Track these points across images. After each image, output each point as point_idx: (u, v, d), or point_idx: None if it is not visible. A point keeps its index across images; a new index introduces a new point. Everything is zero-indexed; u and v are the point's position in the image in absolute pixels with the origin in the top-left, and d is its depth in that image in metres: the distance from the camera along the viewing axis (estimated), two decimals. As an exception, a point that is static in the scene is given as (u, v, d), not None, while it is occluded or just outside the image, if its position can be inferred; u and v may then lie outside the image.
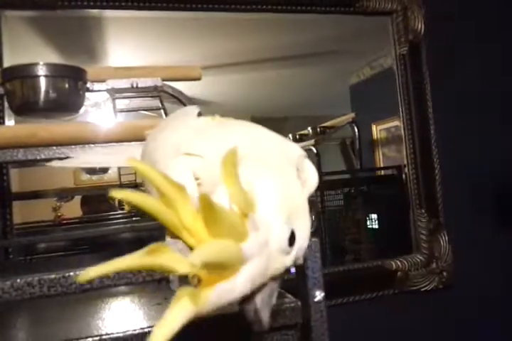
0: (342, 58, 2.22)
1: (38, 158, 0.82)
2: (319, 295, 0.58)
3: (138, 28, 1.71)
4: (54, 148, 0.82)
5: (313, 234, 0.47)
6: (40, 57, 1.70)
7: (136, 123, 0.87)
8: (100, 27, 1.69)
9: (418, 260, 1.75)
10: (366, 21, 1.85)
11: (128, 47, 1.78)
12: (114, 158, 0.78)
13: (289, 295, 0.64)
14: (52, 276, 0.52)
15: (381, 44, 1.96)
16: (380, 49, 2.02)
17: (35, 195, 1.64)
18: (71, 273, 0.52)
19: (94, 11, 1.59)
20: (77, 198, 1.76)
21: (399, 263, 1.72)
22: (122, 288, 0.91)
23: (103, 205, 1.78)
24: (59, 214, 1.71)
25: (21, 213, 1.56)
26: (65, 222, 1.73)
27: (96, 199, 1.80)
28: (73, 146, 0.84)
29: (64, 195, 1.72)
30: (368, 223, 2.17)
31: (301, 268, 0.60)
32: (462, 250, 1.79)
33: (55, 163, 0.78)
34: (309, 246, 0.64)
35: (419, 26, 1.75)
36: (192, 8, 1.59)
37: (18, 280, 0.51)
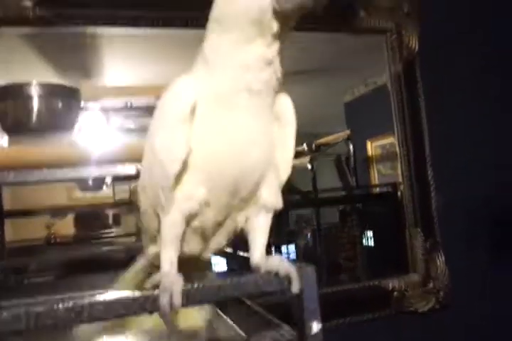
0: (336, 75, 2.23)
1: (29, 180, 0.80)
2: (316, 327, 0.56)
3: (132, 44, 1.71)
4: (45, 169, 0.80)
5: (309, 252, 0.46)
6: (35, 72, 1.68)
7: (128, 145, 0.86)
8: (95, 44, 1.68)
9: (414, 280, 1.73)
10: (361, 39, 1.86)
11: (122, 63, 1.77)
12: None
13: (286, 327, 0.62)
14: (41, 309, 0.50)
15: (375, 62, 1.97)
16: (375, 66, 2.02)
17: (28, 212, 1.61)
18: (60, 306, 0.50)
19: (89, 28, 1.59)
20: (72, 215, 1.73)
21: (396, 283, 1.70)
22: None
23: (97, 222, 1.76)
24: (52, 231, 1.69)
25: (14, 230, 1.53)
26: (58, 240, 1.71)
27: (90, 216, 1.77)
28: (65, 168, 0.82)
29: (57, 212, 1.70)
30: (364, 240, 2.15)
31: (298, 299, 0.58)
32: (459, 270, 1.77)
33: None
34: (306, 275, 0.62)
35: (414, 44, 1.76)
36: (186, 25, 1.60)
37: (5, 314, 0.49)
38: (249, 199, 0.74)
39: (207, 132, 0.69)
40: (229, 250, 0.95)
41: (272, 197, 0.76)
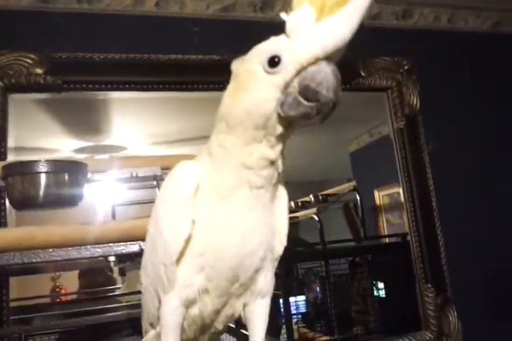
0: (341, 125, 2.26)
1: (34, 261, 0.82)
2: None
3: (138, 106, 1.78)
4: (50, 250, 0.82)
5: (319, 305, 0.46)
6: (46, 135, 1.74)
7: (132, 223, 0.88)
8: (104, 106, 1.75)
9: (427, 337, 1.69)
10: (363, 95, 1.90)
11: (127, 122, 1.85)
12: None
13: None
14: None
15: (379, 113, 2.00)
16: (378, 118, 2.06)
17: (33, 269, 1.61)
18: None
19: (98, 93, 1.65)
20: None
21: (407, 342, 1.66)
22: None
23: (100, 277, 1.76)
24: (57, 284, 1.69)
25: (19, 283, 1.53)
26: (63, 297, 1.71)
27: (93, 271, 1.77)
28: (70, 248, 0.83)
29: (62, 268, 1.70)
30: (375, 292, 2.11)
31: None
32: (472, 326, 1.72)
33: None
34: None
35: (415, 101, 1.79)
36: (190, 88, 1.67)
37: None
38: (248, 285, 0.75)
39: (207, 219, 0.71)
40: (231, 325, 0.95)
41: (267, 282, 0.76)
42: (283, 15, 0.62)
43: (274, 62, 0.63)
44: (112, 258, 0.88)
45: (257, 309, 0.76)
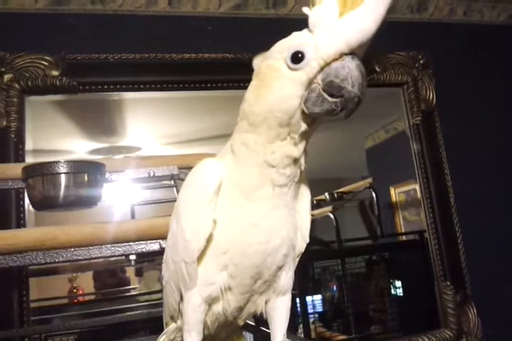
0: (357, 123, 2.24)
1: (57, 260, 0.82)
2: None
3: (152, 106, 1.79)
4: (72, 249, 0.82)
5: (336, 303, 0.46)
6: (62, 137, 1.76)
7: (152, 222, 0.88)
8: (119, 107, 1.76)
9: (447, 336, 1.67)
10: (379, 90, 1.88)
11: (141, 122, 1.85)
12: None
13: None
14: None
15: (394, 109, 1.99)
16: (394, 114, 2.04)
17: (51, 271, 1.63)
18: None
19: (113, 93, 1.66)
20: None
21: (427, 339, 1.65)
22: None
23: (113, 279, 1.77)
24: (75, 285, 1.70)
25: (38, 284, 1.54)
26: (80, 297, 1.72)
27: (106, 273, 1.78)
28: (91, 247, 0.84)
29: (79, 269, 1.71)
30: (392, 290, 2.10)
31: None
32: (492, 323, 1.70)
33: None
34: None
35: (431, 96, 1.77)
36: (204, 87, 1.67)
37: None
38: (271, 282, 0.74)
39: (230, 217, 0.70)
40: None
41: (288, 278, 0.76)
42: (305, 10, 0.61)
43: (297, 58, 0.62)
44: (132, 257, 0.88)
45: (278, 305, 0.76)
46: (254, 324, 0.92)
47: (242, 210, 0.70)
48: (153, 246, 0.86)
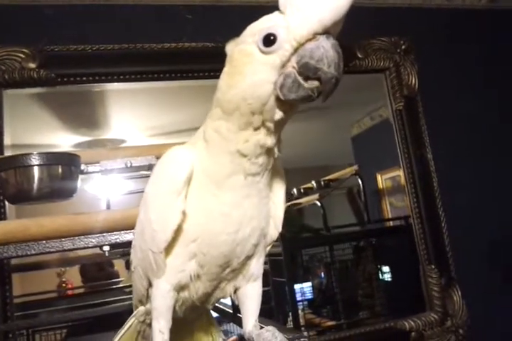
0: (342, 110, 2.24)
1: (29, 253, 0.82)
2: None
3: (134, 98, 1.77)
4: (44, 242, 0.82)
5: (325, 290, 0.46)
6: (43, 131, 1.74)
7: (126, 212, 0.87)
8: (101, 99, 1.74)
9: (432, 319, 1.68)
10: (361, 76, 1.88)
11: (124, 114, 1.84)
12: None
13: None
14: None
15: (379, 96, 1.98)
16: (378, 101, 2.03)
17: (37, 265, 1.62)
18: None
19: (93, 85, 1.64)
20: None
21: (412, 323, 1.66)
22: None
23: (100, 273, 1.77)
24: (63, 279, 1.70)
25: (25, 279, 1.54)
26: (69, 291, 1.72)
27: (93, 267, 1.78)
28: (63, 239, 0.83)
29: (66, 264, 1.71)
30: (380, 276, 2.11)
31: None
32: (477, 305, 1.72)
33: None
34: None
35: (413, 81, 1.77)
36: (185, 77, 1.65)
37: None
38: (240, 270, 0.74)
39: (200, 207, 0.69)
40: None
41: (259, 266, 0.76)
42: None
43: (269, 40, 0.60)
44: (106, 248, 0.88)
45: (249, 291, 0.77)
46: (231, 311, 0.93)
47: (213, 199, 0.69)
48: (128, 236, 0.86)
